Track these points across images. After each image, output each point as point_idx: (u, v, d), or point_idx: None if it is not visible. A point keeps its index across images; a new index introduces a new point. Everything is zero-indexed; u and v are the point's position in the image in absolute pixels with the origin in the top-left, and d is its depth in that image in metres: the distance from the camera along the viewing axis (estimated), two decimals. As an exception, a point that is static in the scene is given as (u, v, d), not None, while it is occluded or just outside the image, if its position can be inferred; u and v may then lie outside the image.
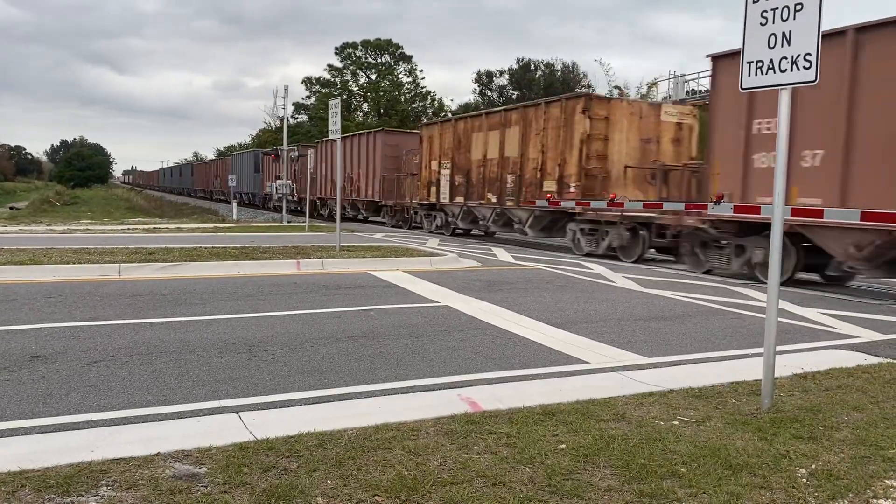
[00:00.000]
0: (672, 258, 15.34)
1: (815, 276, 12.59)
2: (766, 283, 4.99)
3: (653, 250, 15.94)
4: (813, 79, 4.56)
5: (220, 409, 4.70)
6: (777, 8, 4.69)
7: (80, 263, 11.33)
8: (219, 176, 60.95)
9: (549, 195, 17.89)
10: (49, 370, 5.51)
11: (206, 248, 14.57)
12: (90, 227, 22.03)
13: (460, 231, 23.95)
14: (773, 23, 4.72)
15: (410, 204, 26.56)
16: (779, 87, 4.75)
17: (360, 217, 32.78)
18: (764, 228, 11.76)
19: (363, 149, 30.28)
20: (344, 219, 32.46)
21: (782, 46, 4.67)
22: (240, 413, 4.59)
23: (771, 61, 4.75)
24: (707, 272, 13.47)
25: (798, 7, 4.56)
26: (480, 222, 21.99)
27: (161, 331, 7.04)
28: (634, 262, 15.38)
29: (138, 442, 4.00)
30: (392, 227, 27.84)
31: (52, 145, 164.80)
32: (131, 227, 23.01)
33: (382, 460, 3.79)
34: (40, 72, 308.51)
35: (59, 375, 5.38)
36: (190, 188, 79.61)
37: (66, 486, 3.39)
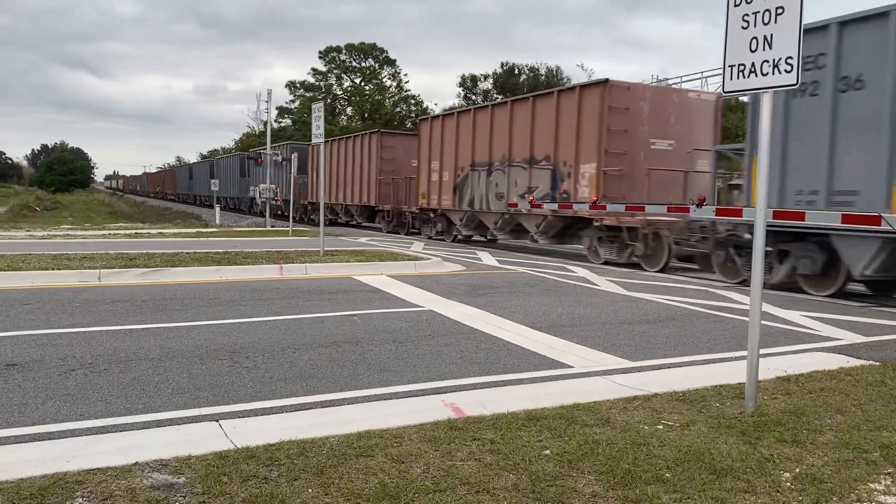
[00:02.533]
0: None
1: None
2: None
3: None
4: (794, 82, 4.56)
5: (200, 417, 4.63)
6: (758, 11, 4.70)
7: (60, 269, 11.18)
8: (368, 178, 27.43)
9: None
10: (25, 378, 5.41)
11: (187, 253, 14.43)
12: (71, 233, 21.77)
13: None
14: (755, 26, 4.73)
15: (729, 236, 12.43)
16: (760, 91, 4.76)
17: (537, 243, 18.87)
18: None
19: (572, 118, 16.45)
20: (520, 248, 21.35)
21: (764, 50, 4.68)
22: (220, 421, 4.53)
23: (753, 65, 4.76)
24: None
25: (779, 10, 4.57)
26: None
27: (141, 337, 6.94)
28: None
29: (116, 451, 3.93)
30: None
31: (33, 150, 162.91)
32: (112, 232, 22.79)
33: (365, 468, 3.74)
34: (17, 76, 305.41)
35: (35, 384, 5.28)
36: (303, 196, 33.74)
37: (40, 498, 3.31)
